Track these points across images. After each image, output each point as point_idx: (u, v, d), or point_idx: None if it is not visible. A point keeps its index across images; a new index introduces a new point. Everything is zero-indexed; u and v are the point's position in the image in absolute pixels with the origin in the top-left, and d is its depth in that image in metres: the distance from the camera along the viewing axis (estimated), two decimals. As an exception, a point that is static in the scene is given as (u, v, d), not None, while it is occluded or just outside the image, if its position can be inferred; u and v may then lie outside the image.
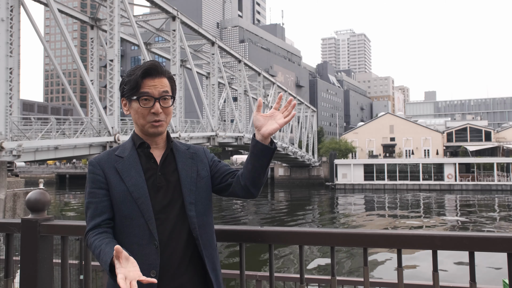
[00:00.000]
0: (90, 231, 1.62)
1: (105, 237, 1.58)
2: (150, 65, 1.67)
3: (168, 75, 1.71)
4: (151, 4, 25.41)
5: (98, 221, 1.63)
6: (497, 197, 39.86)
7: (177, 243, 1.64)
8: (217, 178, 1.79)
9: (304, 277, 1.90)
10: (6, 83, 17.21)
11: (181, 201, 1.66)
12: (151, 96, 1.64)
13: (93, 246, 1.56)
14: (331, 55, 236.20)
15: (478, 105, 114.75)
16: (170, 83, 1.71)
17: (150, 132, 1.68)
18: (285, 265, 14.47)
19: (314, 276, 3.36)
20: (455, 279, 11.22)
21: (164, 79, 1.69)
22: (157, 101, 1.65)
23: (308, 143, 58.43)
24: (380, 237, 1.78)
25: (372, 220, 26.64)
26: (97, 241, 1.56)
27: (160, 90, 1.65)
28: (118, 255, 1.37)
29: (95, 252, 1.55)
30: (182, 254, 1.65)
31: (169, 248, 1.62)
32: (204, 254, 1.66)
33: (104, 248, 1.52)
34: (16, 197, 15.18)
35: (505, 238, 1.62)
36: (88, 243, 1.60)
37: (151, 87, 1.64)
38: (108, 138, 20.71)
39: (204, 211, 1.71)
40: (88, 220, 1.65)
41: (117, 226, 1.65)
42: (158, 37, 35.38)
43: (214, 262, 1.70)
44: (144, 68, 1.65)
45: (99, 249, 1.53)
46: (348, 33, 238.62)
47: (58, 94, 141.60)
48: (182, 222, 1.65)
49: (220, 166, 1.81)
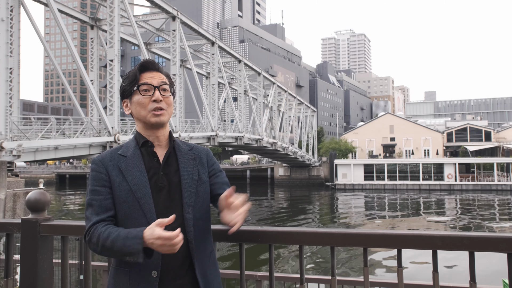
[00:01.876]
0: (97, 223, 1.60)
1: (117, 228, 1.58)
2: (147, 60, 1.74)
3: (164, 72, 1.76)
4: (151, 4, 25.41)
5: (103, 216, 1.61)
6: (497, 197, 39.86)
7: None
8: (211, 191, 1.78)
9: (304, 277, 1.90)
10: (6, 83, 17.21)
11: (181, 202, 1.66)
12: (151, 85, 1.68)
13: (107, 232, 1.54)
14: (331, 55, 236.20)
15: (478, 105, 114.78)
16: (167, 79, 1.75)
17: (152, 122, 1.68)
18: (285, 265, 14.47)
19: (314, 276, 3.36)
20: (455, 279, 11.22)
21: (161, 74, 1.73)
22: (157, 89, 1.68)
23: (308, 143, 58.42)
24: (380, 237, 1.78)
25: (372, 220, 26.64)
26: (112, 229, 1.56)
27: (159, 81, 1.70)
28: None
29: (111, 236, 1.53)
30: (184, 256, 1.64)
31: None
32: (195, 258, 1.65)
33: (125, 231, 1.53)
34: (16, 197, 15.18)
35: (505, 238, 1.62)
36: (97, 232, 1.56)
37: (150, 78, 1.69)
38: (108, 138, 20.71)
39: (201, 215, 1.70)
40: (91, 215, 1.62)
41: (118, 225, 1.64)
42: (158, 37, 35.38)
43: (204, 268, 1.68)
44: (141, 63, 1.72)
45: (116, 233, 1.52)
46: (348, 33, 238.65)
47: (58, 94, 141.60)
48: (182, 223, 1.66)
49: (215, 182, 1.78)
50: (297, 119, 57.63)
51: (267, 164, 60.78)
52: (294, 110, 54.72)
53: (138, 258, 1.49)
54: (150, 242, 1.46)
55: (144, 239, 1.48)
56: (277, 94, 48.54)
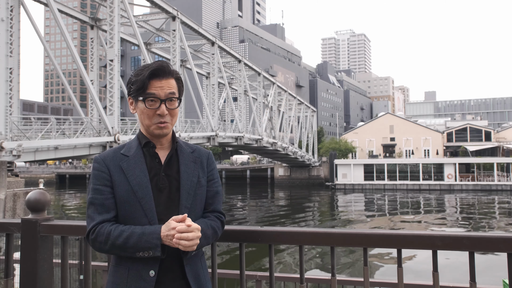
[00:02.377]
0: (102, 223, 1.60)
1: (129, 226, 1.60)
2: (158, 66, 1.66)
3: (175, 75, 1.71)
4: (151, 4, 25.41)
5: (107, 216, 1.62)
6: (497, 197, 39.87)
7: None
8: None
9: (304, 277, 1.90)
10: (6, 83, 17.21)
11: (179, 204, 1.67)
12: (157, 98, 1.65)
13: (119, 230, 1.56)
14: (331, 55, 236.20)
15: (478, 105, 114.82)
16: (177, 84, 1.71)
17: (155, 134, 1.68)
18: (285, 265, 14.47)
19: (314, 276, 3.36)
20: (455, 279, 11.22)
21: (172, 80, 1.69)
22: (163, 102, 1.65)
23: (308, 143, 58.42)
24: (380, 237, 1.78)
25: (372, 220, 26.63)
26: (122, 227, 1.58)
27: (166, 92, 1.66)
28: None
29: (124, 234, 1.55)
30: (181, 257, 1.66)
31: (170, 250, 1.63)
32: (186, 261, 1.65)
33: (140, 228, 1.57)
34: (16, 197, 15.18)
35: (505, 238, 1.62)
36: (105, 231, 1.57)
37: (158, 89, 1.65)
38: (108, 138, 20.71)
39: (196, 218, 1.70)
40: (93, 214, 1.62)
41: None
42: (158, 37, 35.39)
43: (196, 270, 1.69)
44: (152, 69, 1.65)
45: (130, 230, 1.56)
46: (348, 33, 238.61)
47: (58, 94, 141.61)
48: None
49: (209, 191, 1.78)
50: (297, 119, 57.61)
51: (267, 164, 60.79)
52: (294, 110, 54.72)
53: (155, 252, 1.55)
54: (165, 235, 1.54)
55: (161, 234, 1.54)
56: (277, 94, 48.53)
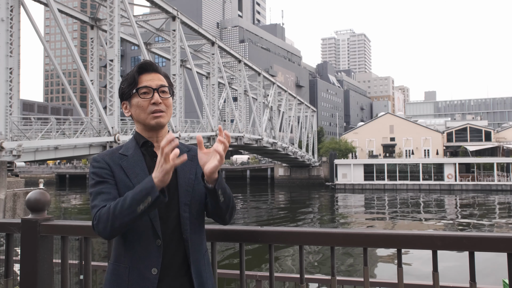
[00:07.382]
0: (104, 207, 1.54)
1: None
2: (145, 61, 1.73)
3: (163, 73, 1.76)
4: (151, 4, 25.41)
5: (110, 202, 1.56)
6: (497, 197, 39.86)
7: (178, 243, 1.65)
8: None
9: (304, 277, 1.90)
10: (6, 83, 17.20)
11: (178, 201, 1.67)
12: (149, 87, 1.68)
13: (115, 201, 1.50)
14: (331, 55, 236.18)
15: (478, 105, 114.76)
16: (166, 80, 1.75)
17: (152, 124, 1.68)
18: (285, 265, 14.47)
19: (314, 276, 3.36)
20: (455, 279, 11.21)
21: (160, 75, 1.74)
22: (156, 91, 1.69)
23: (308, 143, 58.41)
24: (380, 237, 1.78)
25: (372, 220, 26.64)
26: (119, 198, 1.52)
27: (157, 83, 1.70)
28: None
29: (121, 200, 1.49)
30: (184, 255, 1.66)
31: (171, 248, 1.63)
32: (191, 258, 1.66)
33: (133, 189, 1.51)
34: (16, 197, 15.17)
35: (505, 238, 1.62)
36: (105, 210, 1.50)
37: (149, 81, 1.69)
38: (108, 138, 20.72)
39: (198, 214, 1.70)
40: (99, 203, 1.56)
41: None
42: (158, 37, 35.36)
43: (199, 267, 1.69)
44: (139, 64, 1.71)
45: (125, 195, 1.50)
46: (348, 33, 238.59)
47: (58, 94, 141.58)
48: (179, 222, 1.66)
49: None
50: (297, 119, 57.62)
51: (267, 164, 60.78)
52: (294, 110, 54.73)
53: (153, 195, 1.44)
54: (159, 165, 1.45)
55: (153, 175, 1.46)
56: (277, 94, 48.53)
